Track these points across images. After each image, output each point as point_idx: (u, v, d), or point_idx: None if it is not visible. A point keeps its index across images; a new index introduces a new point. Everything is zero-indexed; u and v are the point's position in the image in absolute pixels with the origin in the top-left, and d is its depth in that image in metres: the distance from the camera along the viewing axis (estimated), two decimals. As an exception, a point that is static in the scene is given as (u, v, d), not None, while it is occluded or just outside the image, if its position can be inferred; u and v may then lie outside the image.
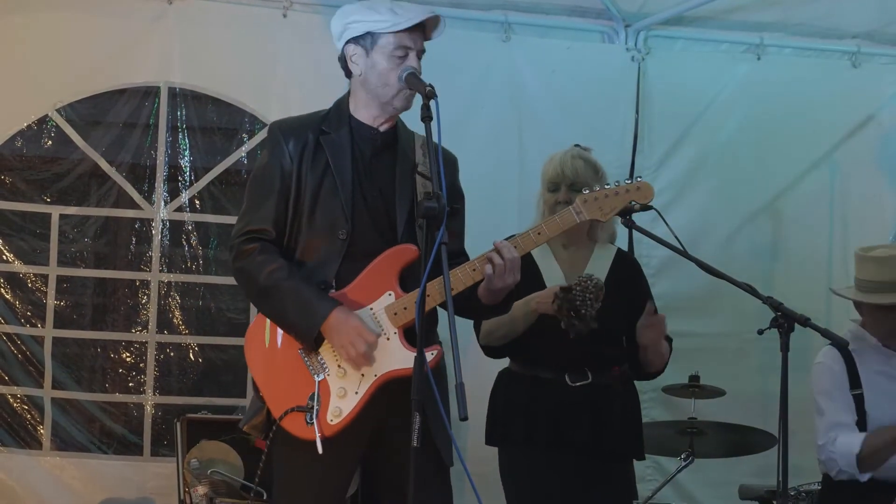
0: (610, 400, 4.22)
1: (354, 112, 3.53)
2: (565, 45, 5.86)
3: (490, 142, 5.70)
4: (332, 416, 3.35)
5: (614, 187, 3.57)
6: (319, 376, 3.38)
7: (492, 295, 3.42)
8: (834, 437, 4.46)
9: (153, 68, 5.50)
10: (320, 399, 3.35)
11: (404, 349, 3.37)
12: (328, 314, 3.33)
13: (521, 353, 4.26)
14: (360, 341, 3.32)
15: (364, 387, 3.36)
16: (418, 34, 3.47)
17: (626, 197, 3.57)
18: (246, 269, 3.42)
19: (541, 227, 3.50)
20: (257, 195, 3.49)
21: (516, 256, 3.39)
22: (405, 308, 3.38)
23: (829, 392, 4.53)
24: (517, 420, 4.17)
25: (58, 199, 5.52)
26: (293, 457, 3.41)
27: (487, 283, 3.38)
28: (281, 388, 3.41)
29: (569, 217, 3.52)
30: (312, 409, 3.34)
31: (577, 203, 3.53)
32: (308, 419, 3.34)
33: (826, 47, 6.05)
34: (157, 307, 5.54)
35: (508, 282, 3.38)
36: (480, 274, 3.38)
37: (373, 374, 3.37)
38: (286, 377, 3.41)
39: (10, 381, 5.40)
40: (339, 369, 3.38)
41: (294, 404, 3.36)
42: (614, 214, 3.58)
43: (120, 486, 5.41)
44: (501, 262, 3.36)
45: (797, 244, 6.04)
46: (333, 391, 3.37)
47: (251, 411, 3.49)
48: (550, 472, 4.14)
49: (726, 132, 5.97)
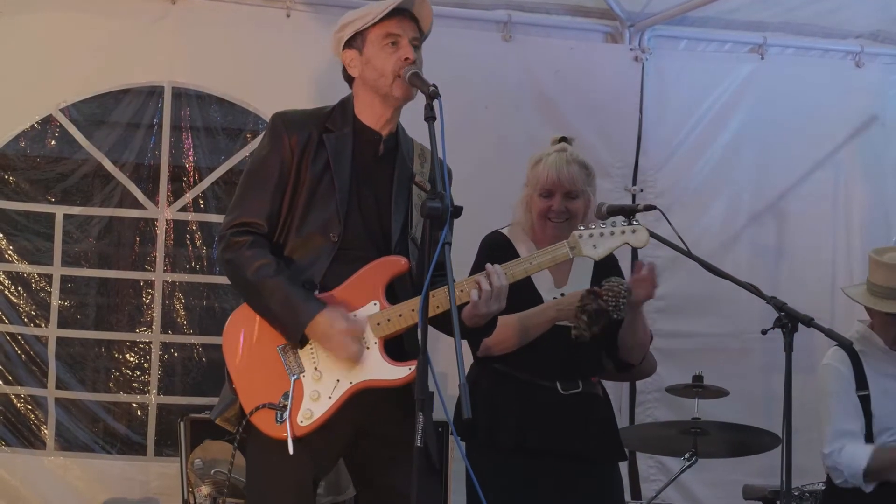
0: (597, 407, 4.22)
1: (359, 114, 3.52)
2: (568, 44, 5.86)
3: (492, 142, 5.70)
4: (303, 417, 3.33)
5: (610, 228, 3.57)
6: (295, 376, 3.36)
7: (474, 319, 3.41)
8: (841, 446, 4.45)
9: (157, 68, 5.51)
10: (293, 399, 3.34)
11: (382, 360, 3.34)
12: (315, 315, 3.31)
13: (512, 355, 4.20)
14: (351, 342, 3.32)
15: (338, 392, 3.34)
16: (407, 22, 3.47)
17: (622, 239, 3.57)
18: (234, 261, 3.39)
19: (534, 257, 3.50)
20: (253, 187, 3.46)
21: (505, 284, 3.38)
22: (388, 320, 3.35)
23: (836, 395, 4.53)
24: (508, 423, 4.12)
25: (62, 198, 5.52)
26: (263, 452, 3.39)
27: (472, 307, 3.36)
28: (254, 382, 3.38)
29: (562, 253, 3.53)
30: (284, 408, 3.32)
31: (573, 238, 3.53)
32: (278, 417, 3.32)
33: (829, 47, 6.06)
34: (161, 307, 5.54)
35: (493, 308, 3.37)
36: (467, 296, 3.36)
37: (348, 382, 3.34)
38: (261, 372, 3.38)
39: (14, 380, 5.40)
40: (316, 372, 3.36)
41: (266, 401, 3.34)
42: (606, 255, 3.58)
43: (123, 486, 5.42)
44: (489, 288, 3.34)
45: (801, 244, 6.04)
46: (307, 393, 3.35)
47: (223, 403, 3.45)
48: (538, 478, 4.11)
49: (730, 132, 5.97)
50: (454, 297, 3.05)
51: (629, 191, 5.83)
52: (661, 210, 4.10)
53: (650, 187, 5.86)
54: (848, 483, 4.46)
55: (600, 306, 3.99)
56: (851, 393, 4.51)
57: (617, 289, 4.01)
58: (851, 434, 4.47)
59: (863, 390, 4.51)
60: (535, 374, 4.13)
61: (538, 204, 4.18)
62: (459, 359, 2.99)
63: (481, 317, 3.40)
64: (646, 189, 5.85)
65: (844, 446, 4.44)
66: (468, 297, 3.36)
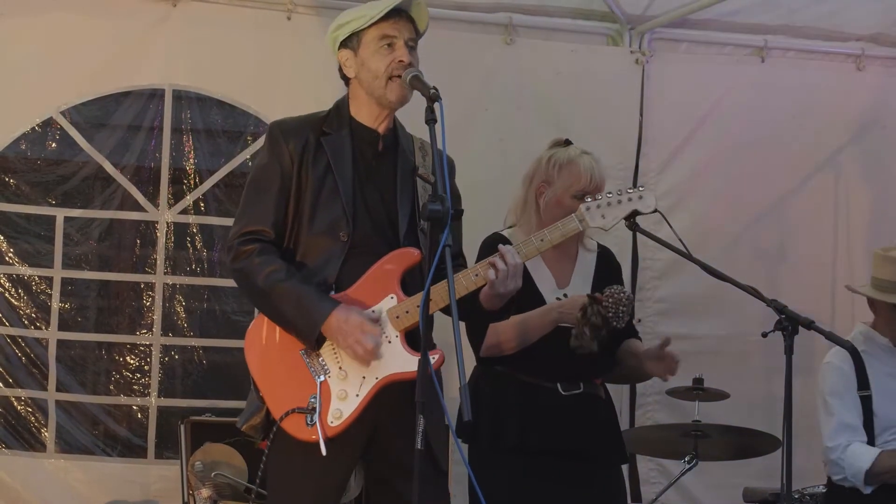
0: (597, 408, 4.21)
1: (355, 114, 3.53)
2: (569, 47, 5.86)
3: (494, 144, 5.70)
4: (333, 417, 3.34)
5: (616, 196, 3.56)
6: (320, 378, 3.38)
7: (493, 300, 3.42)
8: (846, 443, 4.45)
9: (158, 70, 5.50)
10: (321, 401, 3.35)
11: (406, 353, 3.36)
12: (328, 314, 3.32)
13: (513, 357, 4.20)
14: (366, 338, 3.32)
15: (365, 389, 3.36)
16: (404, 23, 3.47)
17: (629, 206, 3.56)
18: (244, 270, 3.41)
19: (543, 233, 3.49)
20: (256, 195, 3.48)
21: (519, 262, 3.39)
22: (407, 312, 3.37)
23: (838, 392, 4.54)
24: (509, 424, 4.12)
25: (62, 201, 5.52)
26: (288, 458, 3.40)
27: (490, 287, 3.37)
28: (281, 388, 3.40)
29: (572, 226, 3.52)
30: (314, 411, 3.33)
31: (581, 210, 3.53)
32: (309, 420, 3.33)
33: (830, 49, 6.06)
34: (162, 310, 5.54)
35: (510, 287, 3.38)
36: (483, 280, 3.38)
37: (374, 377, 3.36)
38: (286, 378, 3.40)
39: (15, 383, 5.39)
40: (340, 371, 3.38)
41: (295, 405, 3.35)
42: (616, 223, 3.57)
43: (124, 489, 5.41)
44: (505, 267, 3.36)
45: (801, 247, 6.04)
46: (334, 393, 3.36)
47: (249, 411, 3.47)
48: (540, 479, 4.12)
49: (730, 135, 5.97)
50: (454, 296, 3.05)
51: (629, 193, 5.83)
52: (661, 213, 4.08)
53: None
54: (847, 481, 4.46)
55: (603, 318, 3.98)
56: (853, 391, 4.52)
57: (618, 296, 4.01)
58: (855, 428, 4.48)
59: (864, 390, 4.52)
60: (536, 376, 4.13)
61: (571, 206, 4.08)
62: (460, 360, 2.98)
63: (500, 297, 3.40)
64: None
65: (851, 443, 4.45)
66: (484, 281, 3.37)
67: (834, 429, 4.51)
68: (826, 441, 4.53)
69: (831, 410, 4.54)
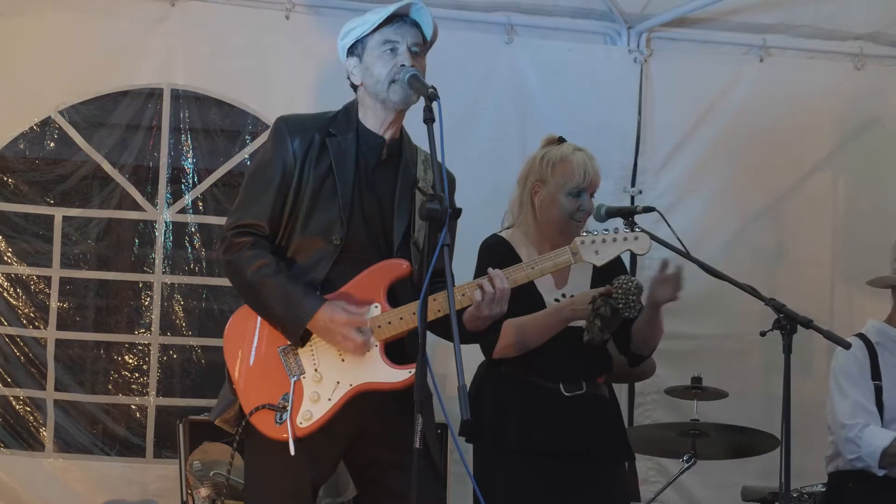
0: (601, 408, 4.21)
1: (363, 119, 3.52)
2: (568, 46, 5.86)
3: (492, 144, 5.71)
4: (303, 419, 3.33)
5: (612, 234, 3.57)
6: (295, 378, 3.37)
7: (476, 322, 3.40)
8: (864, 423, 4.48)
9: (156, 70, 5.51)
10: (293, 400, 3.34)
11: (383, 363, 3.35)
12: (315, 311, 3.32)
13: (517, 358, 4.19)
14: (355, 333, 3.31)
15: (338, 395, 3.34)
16: (407, 28, 3.46)
17: (624, 245, 3.57)
18: (234, 262, 3.41)
19: (535, 262, 3.50)
20: (255, 189, 3.46)
21: (507, 288, 3.37)
22: (389, 323, 3.35)
23: (853, 376, 4.57)
24: (511, 424, 4.12)
25: (61, 200, 5.52)
26: (262, 454, 3.40)
27: (476, 308, 3.36)
28: (255, 383, 3.39)
29: (564, 259, 3.53)
30: (285, 410, 3.33)
31: (576, 244, 3.54)
32: (278, 419, 3.33)
33: (829, 49, 6.05)
34: (160, 309, 5.54)
35: (495, 311, 3.36)
36: (468, 300, 3.36)
37: (348, 384, 3.35)
38: (262, 374, 3.39)
39: (13, 382, 5.40)
40: (316, 373, 3.37)
41: (266, 402, 3.35)
42: (607, 262, 3.58)
43: (122, 488, 5.41)
44: (492, 291, 3.34)
45: (800, 246, 6.03)
46: (307, 394, 3.35)
47: (222, 404, 3.46)
48: (543, 480, 4.11)
49: (729, 134, 5.97)
50: (453, 297, 3.05)
51: (628, 192, 5.83)
52: (659, 212, 4.10)
53: (649, 189, 5.86)
54: (861, 461, 4.47)
55: (613, 309, 3.97)
56: (867, 377, 4.54)
57: (627, 286, 3.99)
58: (871, 413, 4.50)
59: (876, 381, 4.54)
60: (539, 376, 4.13)
61: (567, 204, 4.13)
62: (458, 361, 2.98)
63: (483, 320, 3.39)
64: (645, 190, 5.85)
65: (869, 424, 4.46)
66: (469, 301, 3.36)
67: (851, 408, 4.51)
68: (843, 419, 4.52)
69: (846, 392, 4.55)
